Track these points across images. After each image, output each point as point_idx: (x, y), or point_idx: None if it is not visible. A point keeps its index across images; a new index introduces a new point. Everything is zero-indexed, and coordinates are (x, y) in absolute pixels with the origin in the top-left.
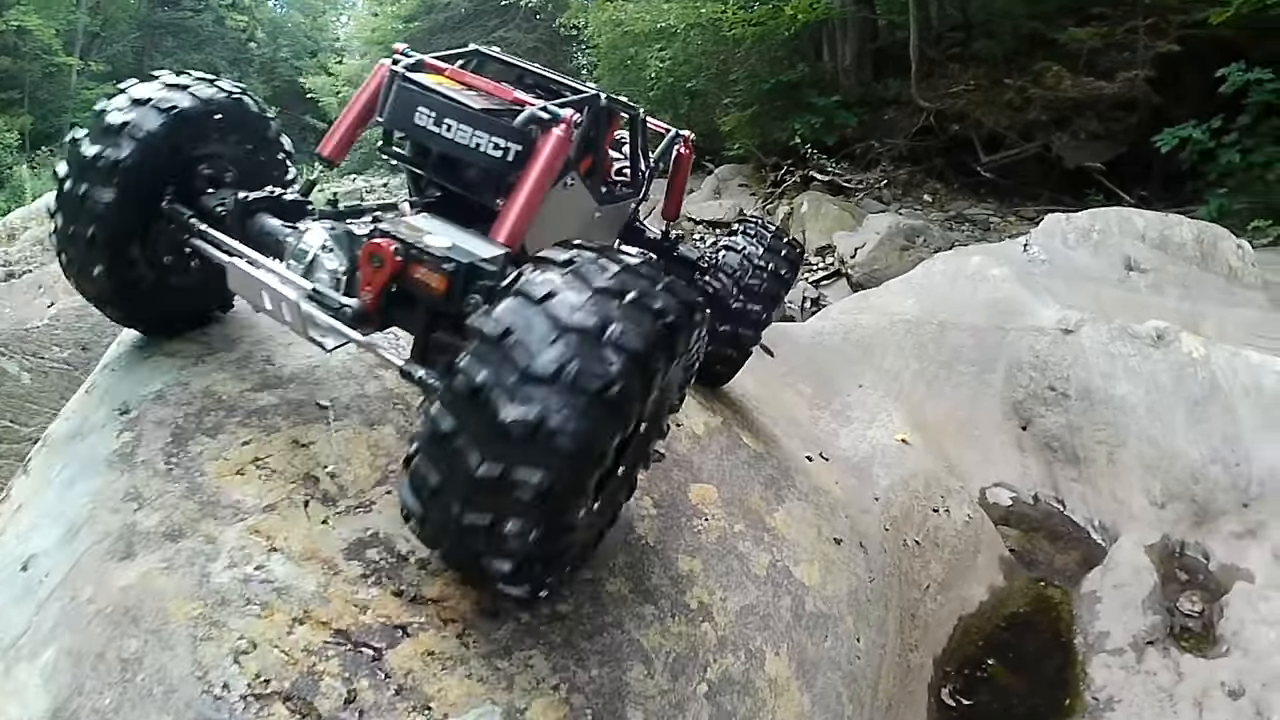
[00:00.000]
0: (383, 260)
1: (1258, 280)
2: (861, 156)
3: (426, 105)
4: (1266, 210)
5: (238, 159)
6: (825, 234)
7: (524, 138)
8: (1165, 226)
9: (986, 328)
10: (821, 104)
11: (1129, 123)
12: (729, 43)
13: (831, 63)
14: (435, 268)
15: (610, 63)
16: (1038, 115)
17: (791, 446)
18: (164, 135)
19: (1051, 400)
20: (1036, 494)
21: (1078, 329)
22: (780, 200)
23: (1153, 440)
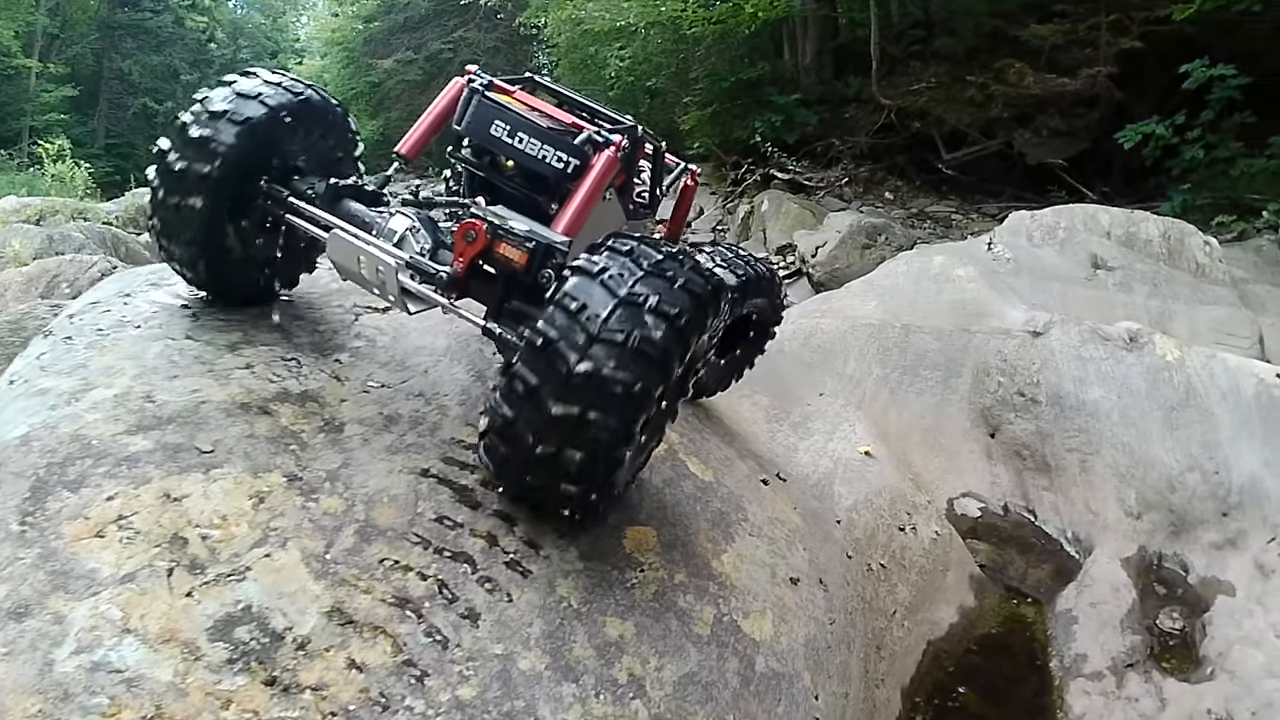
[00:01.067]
0: (475, 235)
1: (1226, 276)
2: (822, 154)
3: (502, 119)
4: (1230, 206)
5: (317, 149)
6: (786, 233)
7: (582, 155)
8: (1131, 223)
9: (952, 330)
10: (782, 102)
11: (1091, 119)
12: (689, 41)
13: (792, 61)
14: (518, 245)
15: (570, 62)
16: (999, 112)
17: (745, 470)
18: (263, 124)
19: (1021, 406)
20: (1006, 504)
21: (1047, 331)
22: (741, 199)
23: (1127, 447)
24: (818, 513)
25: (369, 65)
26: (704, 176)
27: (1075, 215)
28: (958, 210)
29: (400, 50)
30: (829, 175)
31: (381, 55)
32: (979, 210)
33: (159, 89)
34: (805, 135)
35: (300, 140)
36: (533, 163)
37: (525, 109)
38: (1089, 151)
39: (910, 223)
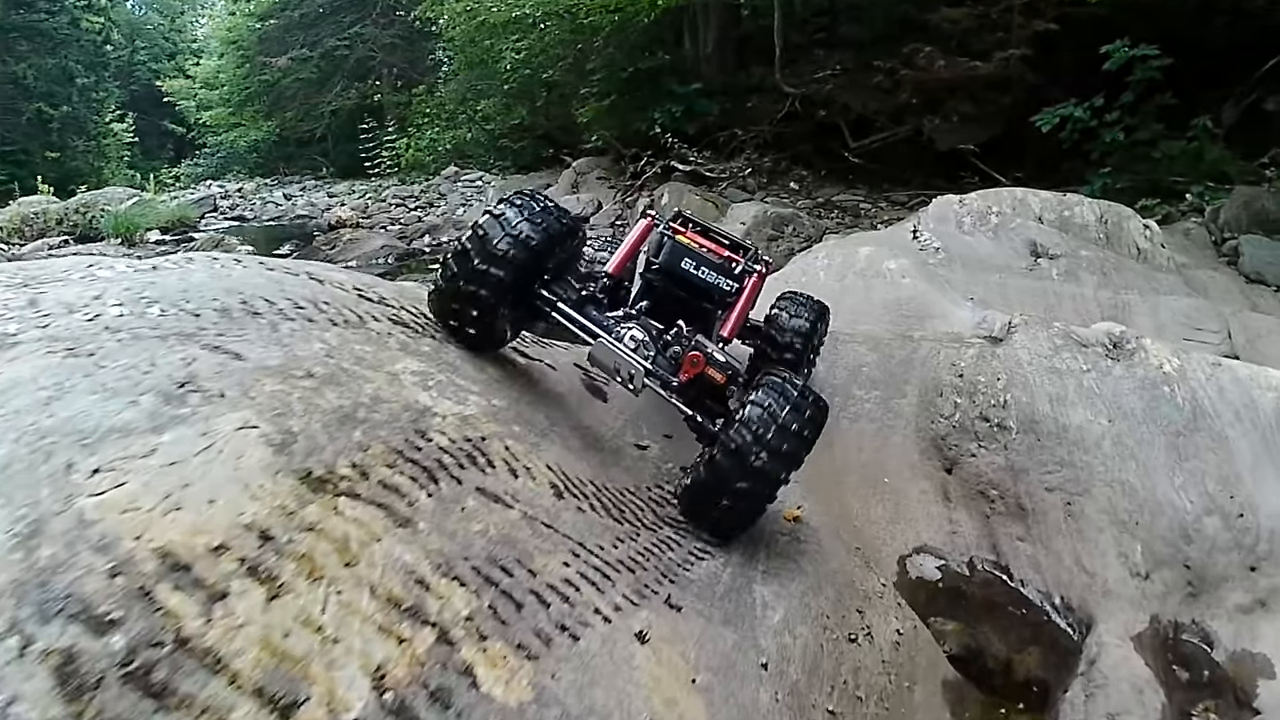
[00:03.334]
0: (697, 363)
1: (1170, 262)
2: (725, 145)
3: (690, 257)
4: (1150, 189)
5: (563, 260)
6: None
7: (740, 279)
8: (1064, 207)
9: (890, 338)
10: (682, 92)
11: (1003, 104)
12: (587, 31)
13: (693, 50)
14: (720, 369)
15: (467, 57)
16: (908, 98)
17: (602, 608)
18: (542, 241)
19: (985, 434)
20: (972, 559)
21: (1008, 336)
22: (640, 192)
23: (1126, 486)
24: (728, 663)
25: (264, 64)
26: (602, 170)
27: (1003, 199)
28: (866, 199)
29: (296, 48)
30: (732, 166)
31: (276, 54)
32: (888, 199)
33: (54, 93)
34: (707, 126)
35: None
36: (709, 287)
37: (699, 247)
38: (1001, 136)
39: (818, 213)
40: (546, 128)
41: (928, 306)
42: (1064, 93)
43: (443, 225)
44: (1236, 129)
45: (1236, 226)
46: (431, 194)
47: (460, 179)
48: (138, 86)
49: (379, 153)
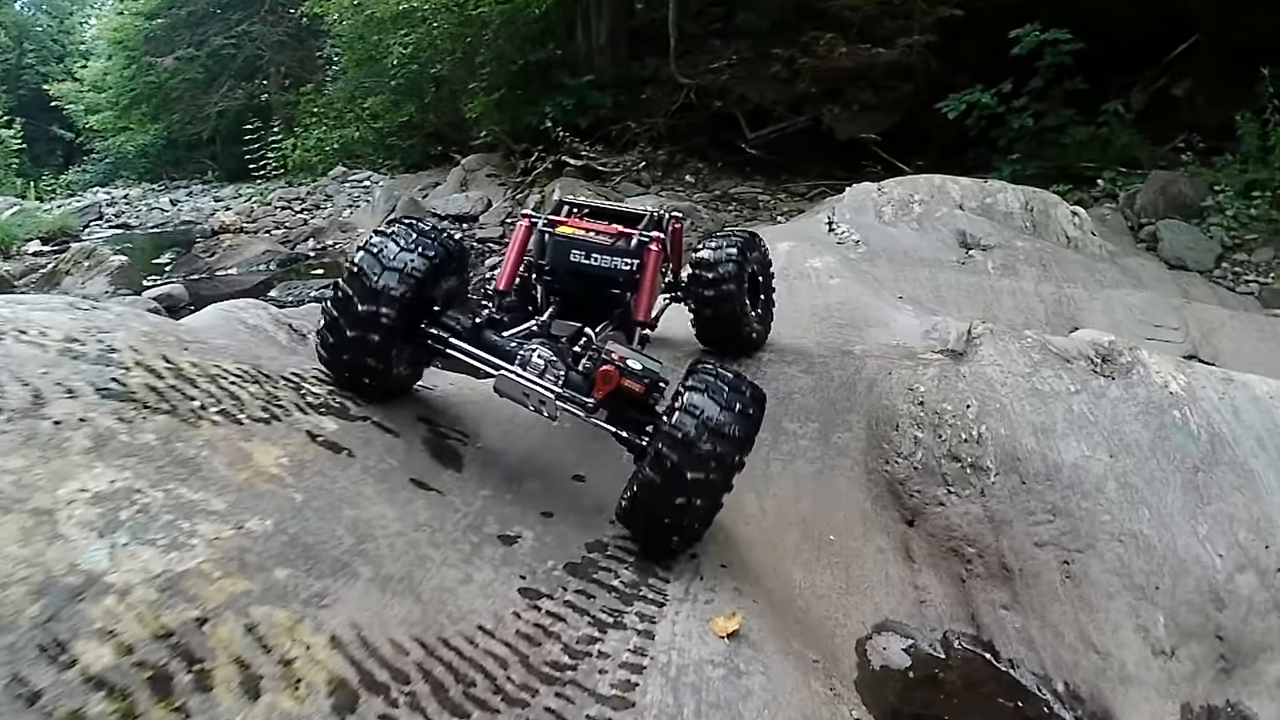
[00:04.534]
0: (610, 379)
1: (1102, 250)
2: (618, 138)
3: (577, 248)
4: (1060, 175)
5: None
6: None
7: (639, 256)
8: (986, 194)
9: (824, 354)
10: (574, 85)
11: (905, 91)
12: (476, 24)
13: (585, 42)
14: (637, 379)
15: (355, 53)
16: (807, 87)
17: None
18: (427, 271)
19: (956, 477)
20: (947, 635)
21: (972, 350)
22: (531, 189)
23: (1140, 539)
24: None
25: (150, 65)
26: (492, 167)
27: (921, 186)
28: (764, 191)
29: (183, 47)
30: (625, 160)
31: (164, 53)
32: (787, 190)
33: None
34: (600, 119)
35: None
36: (607, 273)
37: (585, 233)
38: (903, 125)
39: (715, 206)
40: (435, 125)
41: (864, 312)
42: (968, 79)
43: (328, 228)
44: (1145, 114)
45: (1153, 212)
46: (318, 196)
47: (348, 179)
48: (25, 91)
49: (265, 154)
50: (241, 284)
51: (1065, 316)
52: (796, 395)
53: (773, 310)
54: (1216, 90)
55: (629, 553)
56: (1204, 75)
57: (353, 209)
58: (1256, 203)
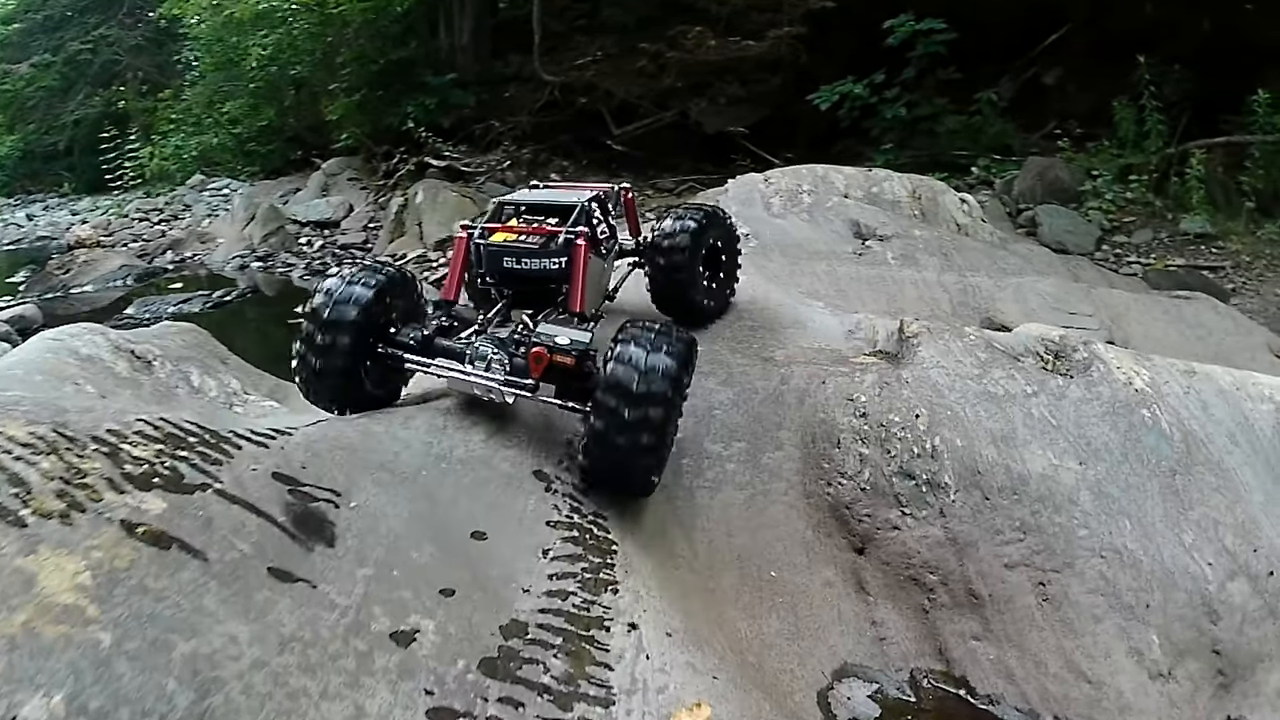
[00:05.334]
0: (541, 359)
1: (992, 236)
2: (481, 138)
3: (507, 255)
4: (932, 163)
5: (406, 307)
6: (445, 225)
7: (567, 253)
8: (871, 183)
9: (743, 362)
10: (437, 84)
11: (774, 84)
12: (337, 23)
13: (448, 39)
14: (564, 353)
15: (214, 56)
16: (673, 82)
17: None
18: (371, 299)
19: (911, 496)
20: (914, 674)
21: (908, 351)
22: (394, 192)
23: (1124, 554)
24: None
25: (5, 73)
26: (354, 171)
27: (803, 176)
28: (632, 187)
29: (39, 53)
30: (489, 159)
31: (18, 60)
32: (654, 185)
33: None
34: (463, 118)
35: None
36: (538, 274)
37: (515, 237)
38: (772, 117)
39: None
40: (296, 128)
41: (776, 312)
42: (839, 71)
43: (187, 239)
44: (1016, 103)
45: (1031, 197)
46: (176, 206)
47: (206, 188)
48: None
49: (122, 164)
50: (98, 301)
51: (972, 306)
52: (717, 412)
53: (734, 284)
54: (1087, 78)
55: (554, 631)
56: (1074, 64)
57: (212, 218)
58: (1133, 186)
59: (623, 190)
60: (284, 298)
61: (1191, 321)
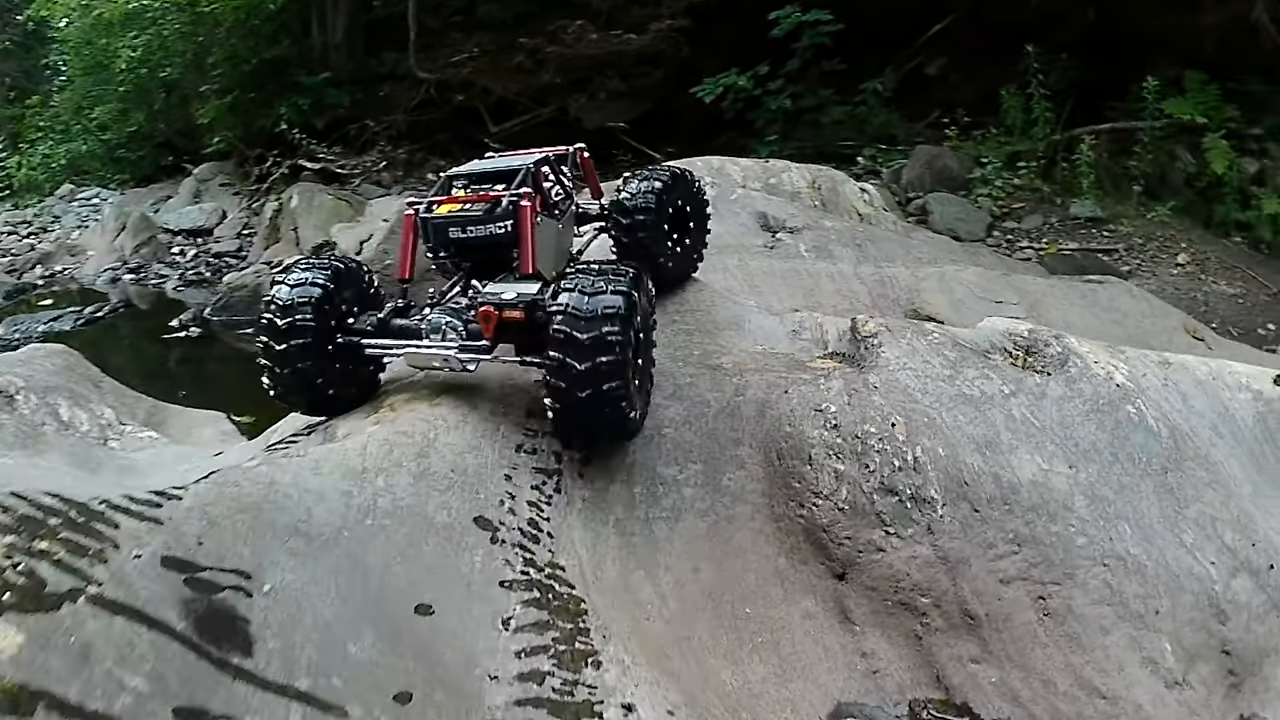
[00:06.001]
0: (490, 317)
1: (896, 226)
2: (356, 138)
3: (453, 225)
4: (817, 154)
5: (360, 295)
6: (322, 229)
7: (512, 215)
8: (769, 174)
9: (688, 371)
10: (310, 84)
11: (655, 78)
12: (209, 22)
13: (321, 38)
14: (512, 307)
15: (82, 60)
16: (552, 78)
17: None
18: (321, 294)
19: (895, 514)
20: (913, 706)
21: (869, 353)
22: (268, 196)
23: (1127, 560)
24: None
25: None
26: (226, 175)
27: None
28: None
29: None
30: (365, 160)
31: None
32: None
33: None
34: (337, 119)
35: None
36: (486, 240)
37: (460, 207)
38: (653, 111)
39: None
40: (167, 133)
41: (710, 313)
42: (721, 64)
43: (56, 252)
44: (900, 93)
45: (920, 185)
46: (45, 218)
47: (76, 198)
48: None
49: None
50: None
51: (891, 298)
52: (667, 430)
53: (702, 247)
54: (970, 68)
55: None
56: (958, 54)
57: (82, 229)
58: (1022, 173)
59: (578, 151)
60: (158, 311)
61: (1107, 306)
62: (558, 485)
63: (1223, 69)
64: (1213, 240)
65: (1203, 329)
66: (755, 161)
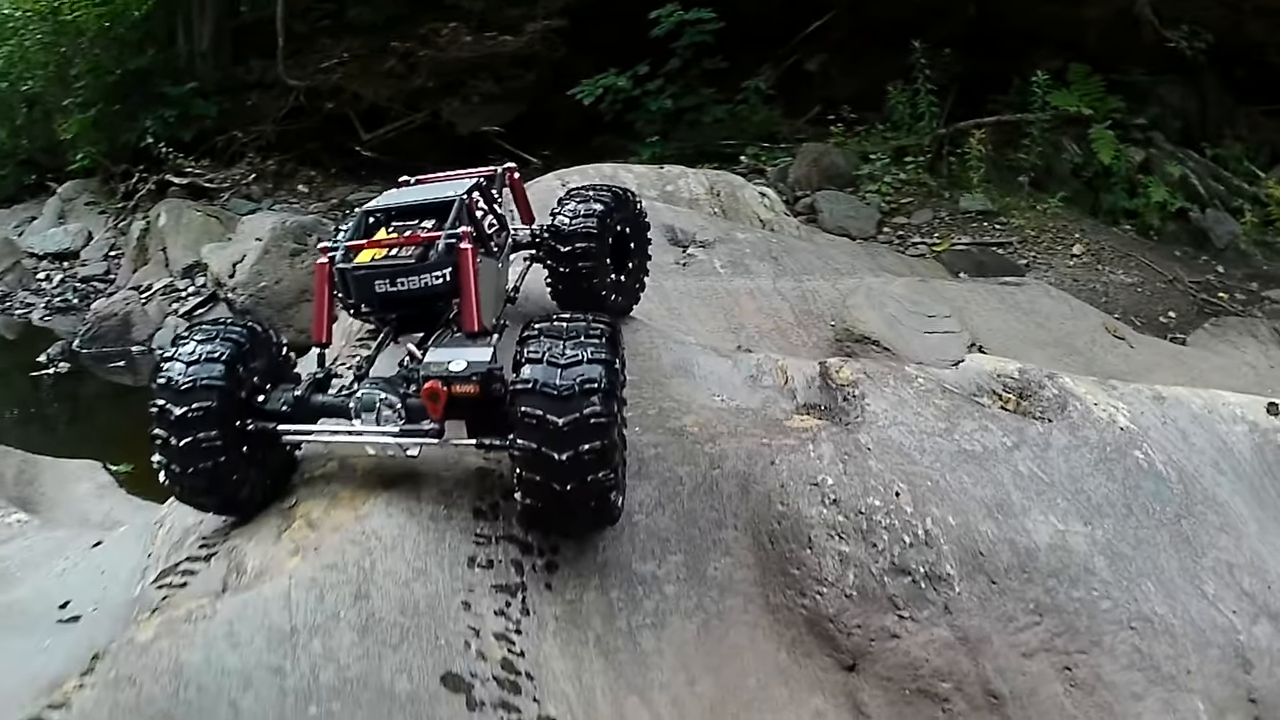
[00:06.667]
0: (438, 395)
1: (799, 231)
2: (224, 150)
3: (379, 277)
4: (700, 155)
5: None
6: (192, 248)
7: (449, 262)
8: (665, 181)
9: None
10: (177, 94)
11: (529, 80)
12: (72, 32)
13: (187, 46)
14: (464, 381)
15: None
16: (424, 82)
17: None
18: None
19: (909, 595)
20: None
21: (852, 405)
22: (135, 214)
23: (1155, 620)
24: None
25: None
26: (91, 194)
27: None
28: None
29: None
30: (234, 173)
31: None
32: None
33: None
34: (204, 130)
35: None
36: (419, 294)
37: (385, 253)
38: (527, 115)
39: (334, 215)
40: (29, 150)
41: (650, 357)
42: (597, 64)
43: None
44: (780, 90)
45: (808, 184)
46: None
47: None
48: None
49: None
50: None
51: (816, 314)
52: (638, 516)
53: (643, 278)
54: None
55: None
56: (837, 50)
57: None
58: (909, 168)
59: (508, 171)
60: (25, 342)
61: (1028, 309)
62: (524, 604)
63: (1105, 61)
64: (1104, 230)
65: (1123, 328)
66: (650, 168)
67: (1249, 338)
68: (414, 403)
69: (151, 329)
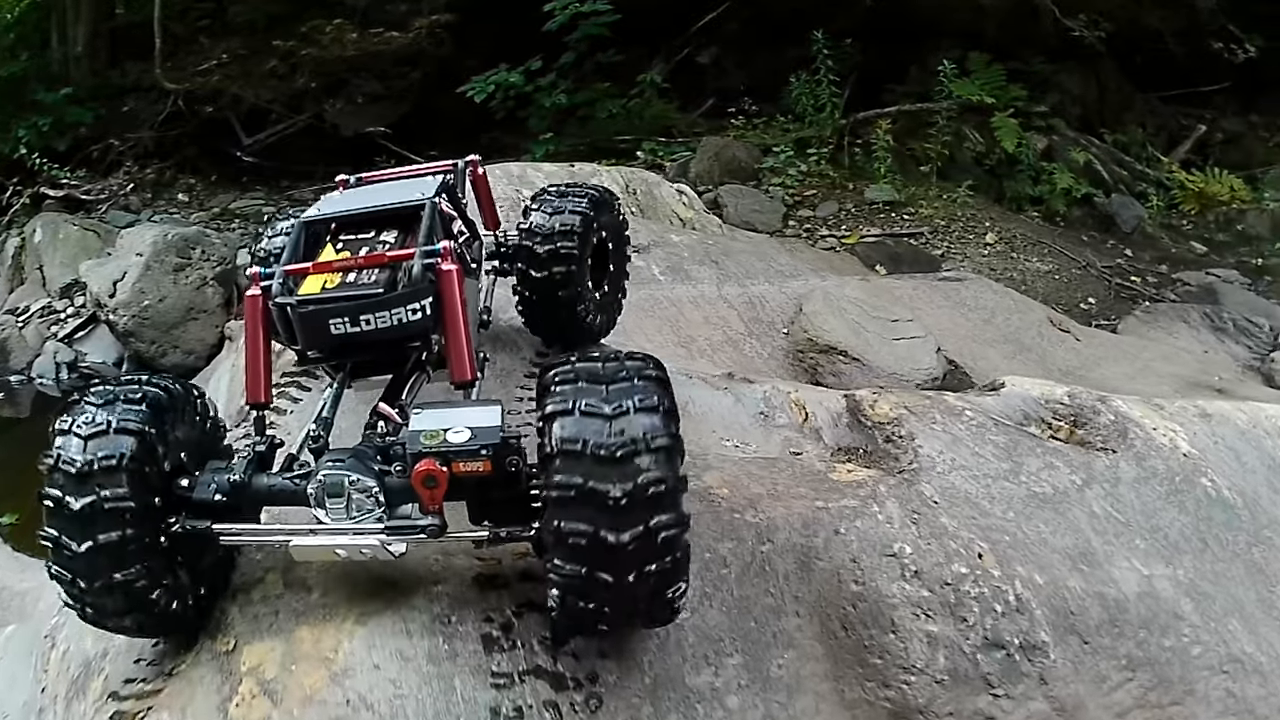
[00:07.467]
0: (437, 479)
1: (723, 230)
2: (101, 159)
3: (336, 314)
4: (595, 150)
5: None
6: (70, 265)
7: (429, 286)
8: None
9: None
10: (50, 101)
11: (415, 79)
12: None
13: (61, 49)
14: (472, 457)
15: None
16: (307, 82)
17: None
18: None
19: (1004, 671)
20: None
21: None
22: (9, 230)
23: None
24: None
25: None
26: None
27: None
28: (267, 201)
29: None
30: (111, 184)
31: None
32: (290, 197)
33: None
34: (80, 139)
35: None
36: (391, 333)
37: (339, 281)
38: (414, 114)
39: (217, 225)
40: None
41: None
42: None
43: None
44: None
45: (710, 179)
46: None
47: None
48: None
49: None
50: None
51: (766, 321)
52: (682, 616)
53: (621, 294)
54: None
55: None
56: (731, 42)
57: None
58: (812, 159)
59: (470, 165)
60: None
61: (974, 305)
62: None
63: (1005, 49)
64: (1012, 217)
65: (1066, 320)
66: (559, 166)
67: (1180, 323)
68: (396, 483)
69: (30, 355)
